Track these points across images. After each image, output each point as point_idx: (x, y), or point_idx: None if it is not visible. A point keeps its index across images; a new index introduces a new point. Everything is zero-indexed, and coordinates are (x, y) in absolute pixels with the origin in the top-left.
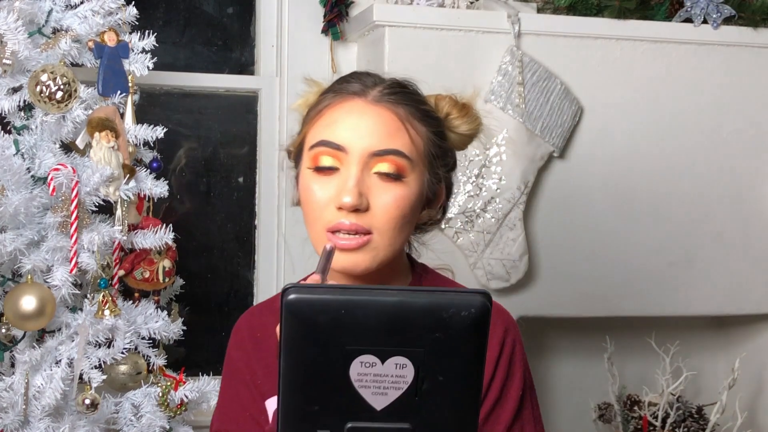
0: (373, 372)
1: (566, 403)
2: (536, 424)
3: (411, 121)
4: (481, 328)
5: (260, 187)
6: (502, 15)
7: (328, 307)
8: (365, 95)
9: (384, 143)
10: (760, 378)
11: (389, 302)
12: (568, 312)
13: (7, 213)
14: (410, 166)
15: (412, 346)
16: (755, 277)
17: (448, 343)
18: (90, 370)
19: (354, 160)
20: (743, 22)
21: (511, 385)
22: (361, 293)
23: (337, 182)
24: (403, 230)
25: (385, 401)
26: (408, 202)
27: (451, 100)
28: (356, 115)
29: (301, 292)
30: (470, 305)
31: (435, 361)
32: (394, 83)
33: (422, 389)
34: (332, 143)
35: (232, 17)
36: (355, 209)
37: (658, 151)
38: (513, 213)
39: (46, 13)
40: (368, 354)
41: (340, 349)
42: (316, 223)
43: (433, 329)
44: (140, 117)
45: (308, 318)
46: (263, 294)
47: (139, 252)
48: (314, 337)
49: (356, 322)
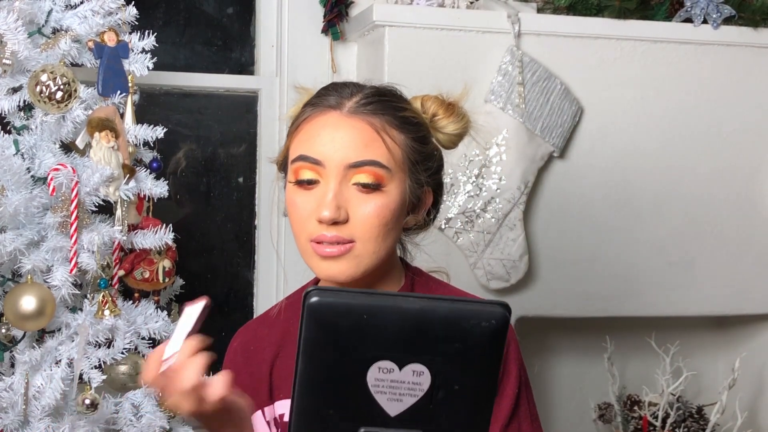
0: (390, 378)
1: (566, 403)
2: (533, 421)
3: (387, 130)
4: (499, 339)
5: (260, 187)
6: (502, 15)
7: (350, 312)
8: (341, 107)
9: (360, 154)
10: (760, 378)
11: (412, 309)
12: (568, 312)
13: (7, 213)
14: (388, 174)
15: (431, 354)
16: (755, 277)
17: (467, 352)
18: (90, 370)
19: (332, 174)
20: (743, 22)
21: (507, 382)
22: (384, 299)
23: (317, 195)
24: (387, 237)
25: (400, 407)
26: (388, 210)
27: (438, 100)
28: (331, 128)
29: (323, 295)
30: (491, 316)
31: (452, 370)
32: (371, 92)
33: (437, 397)
34: (310, 158)
35: (232, 17)
36: (334, 222)
37: (658, 151)
38: (513, 213)
39: (46, 13)
40: (387, 360)
41: (360, 353)
42: (300, 235)
43: (453, 338)
44: (140, 117)
45: (330, 322)
46: (263, 294)
47: (139, 252)
48: (334, 341)
49: (377, 328)
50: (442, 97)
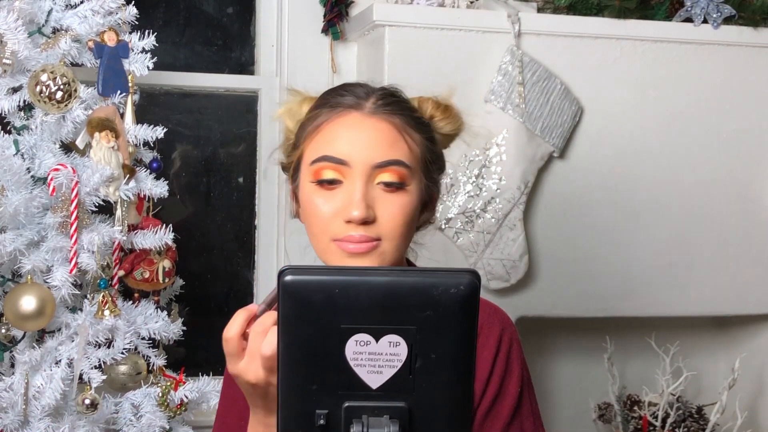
0: (368, 351)
1: (566, 403)
2: (535, 420)
3: (407, 130)
4: (470, 305)
5: (260, 187)
6: (502, 15)
7: (323, 287)
8: (361, 108)
9: (385, 154)
10: (760, 378)
11: (381, 281)
12: (568, 312)
13: (7, 213)
14: (410, 173)
15: (405, 323)
16: (755, 277)
17: (439, 320)
18: (90, 370)
19: (357, 174)
20: (743, 21)
21: (509, 381)
22: (354, 273)
23: (341, 195)
24: (408, 235)
25: (380, 380)
26: (411, 208)
27: (434, 102)
28: (355, 128)
29: (296, 273)
30: (459, 283)
31: (427, 339)
32: (385, 93)
33: (416, 367)
34: (334, 158)
35: (232, 17)
36: (364, 221)
37: (658, 151)
38: (513, 213)
39: (46, 13)
40: (362, 332)
41: (336, 327)
42: (323, 236)
43: (423, 307)
44: (140, 117)
45: (304, 297)
46: (263, 294)
47: (139, 252)
48: (310, 316)
49: (350, 301)
50: (437, 99)
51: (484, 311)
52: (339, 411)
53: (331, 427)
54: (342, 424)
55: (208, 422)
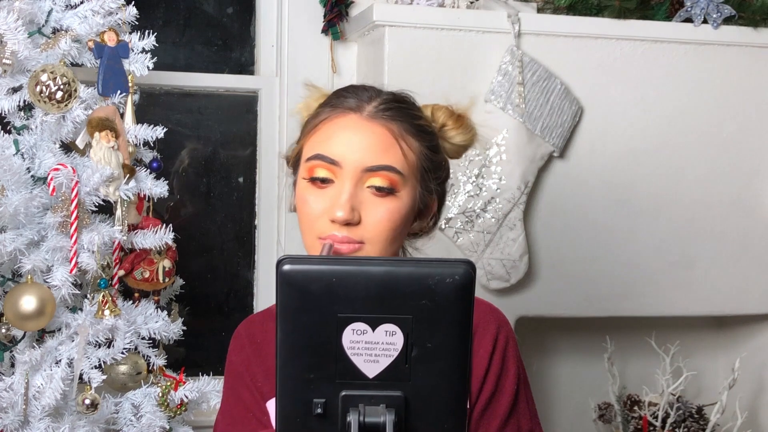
0: (365, 340)
1: (566, 403)
2: (532, 418)
3: (404, 137)
4: (465, 294)
5: (260, 187)
6: (502, 15)
7: (320, 276)
8: (361, 111)
9: (377, 159)
10: (760, 378)
11: (378, 271)
12: (568, 312)
13: (7, 213)
14: (402, 180)
15: (401, 313)
16: (755, 277)
17: (435, 309)
18: (90, 370)
19: (348, 175)
20: (743, 22)
21: (505, 379)
22: (351, 263)
23: (330, 195)
24: (395, 242)
25: (376, 369)
26: (399, 215)
27: (447, 110)
28: (351, 130)
29: (295, 262)
30: (454, 273)
31: (423, 328)
32: (390, 98)
33: (412, 356)
34: (327, 158)
35: (232, 17)
36: (347, 223)
37: (658, 150)
38: (513, 213)
39: (46, 13)
40: (359, 321)
41: (333, 316)
42: (309, 232)
43: (419, 296)
44: (140, 117)
45: (302, 286)
46: (263, 294)
47: (139, 252)
48: (308, 305)
49: (347, 290)
50: (452, 108)
51: (480, 310)
52: (336, 400)
53: (328, 416)
54: (339, 413)
55: (208, 422)
